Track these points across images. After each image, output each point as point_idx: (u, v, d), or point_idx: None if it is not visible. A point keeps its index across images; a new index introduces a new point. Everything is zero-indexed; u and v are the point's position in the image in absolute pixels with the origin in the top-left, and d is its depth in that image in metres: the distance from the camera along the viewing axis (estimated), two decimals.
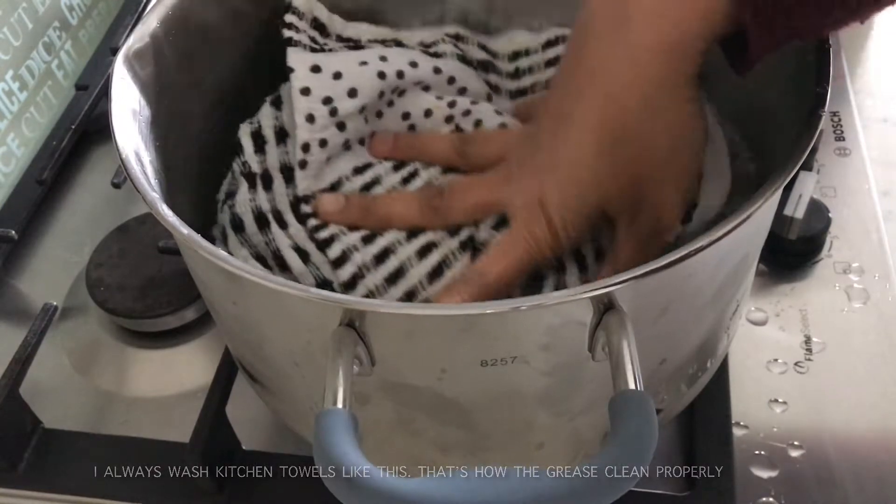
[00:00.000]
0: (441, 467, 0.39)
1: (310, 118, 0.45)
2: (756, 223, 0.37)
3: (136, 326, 0.55)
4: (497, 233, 0.42)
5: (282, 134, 0.47)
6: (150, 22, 0.43)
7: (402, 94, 0.48)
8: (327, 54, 0.48)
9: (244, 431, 0.48)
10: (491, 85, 0.51)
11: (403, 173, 0.46)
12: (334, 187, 0.46)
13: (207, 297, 0.42)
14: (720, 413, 0.47)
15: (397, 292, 0.41)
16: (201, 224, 0.46)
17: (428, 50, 0.51)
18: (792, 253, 0.54)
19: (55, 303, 0.52)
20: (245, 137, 0.46)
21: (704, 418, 0.47)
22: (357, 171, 0.46)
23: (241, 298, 0.36)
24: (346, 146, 0.46)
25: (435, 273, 0.42)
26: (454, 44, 0.51)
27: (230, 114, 0.48)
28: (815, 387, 0.49)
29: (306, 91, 0.45)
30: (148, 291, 0.54)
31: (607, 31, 0.38)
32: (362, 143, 0.47)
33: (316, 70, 0.45)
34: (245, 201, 0.45)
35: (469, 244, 0.42)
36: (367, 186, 0.46)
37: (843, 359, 0.50)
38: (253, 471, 0.47)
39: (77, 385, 0.54)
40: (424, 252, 0.42)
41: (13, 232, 0.59)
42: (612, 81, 0.38)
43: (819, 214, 0.54)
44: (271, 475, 0.47)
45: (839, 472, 0.45)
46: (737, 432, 0.47)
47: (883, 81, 0.67)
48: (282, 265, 0.43)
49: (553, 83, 0.42)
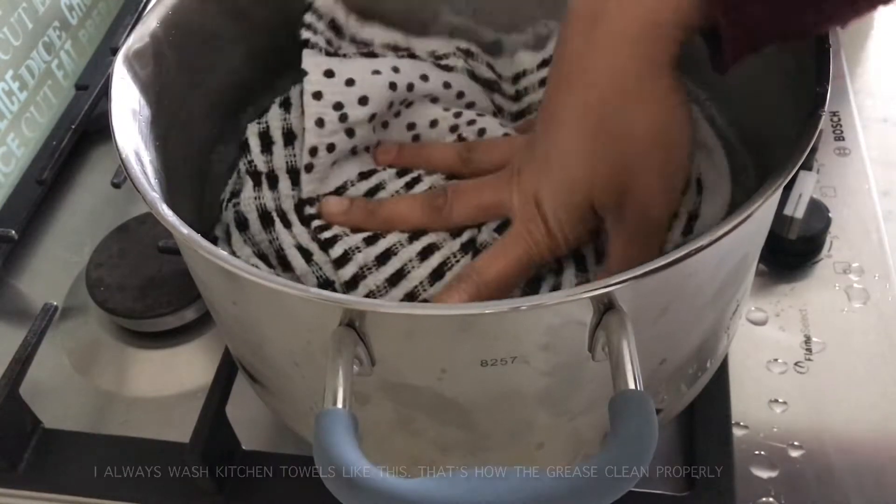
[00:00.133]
0: (441, 467, 0.39)
1: (319, 122, 0.45)
2: (756, 223, 0.37)
3: (136, 326, 0.55)
4: (498, 235, 0.42)
5: (290, 136, 0.47)
6: (150, 22, 0.43)
7: (410, 106, 0.48)
8: (341, 60, 0.48)
9: (244, 431, 0.48)
10: (496, 105, 0.51)
11: (407, 179, 0.46)
12: (339, 191, 0.46)
13: (207, 297, 0.42)
14: (720, 413, 0.47)
15: (398, 293, 0.41)
16: (201, 224, 0.46)
17: (439, 62, 0.51)
18: (792, 253, 0.54)
19: (55, 303, 0.52)
20: (253, 137, 0.47)
21: (704, 418, 0.47)
22: (363, 177, 0.46)
23: (241, 298, 0.36)
24: (354, 152, 0.47)
25: (436, 274, 0.42)
26: (465, 59, 0.51)
27: (230, 114, 0.49)
28: (815, 387, 0.49)
29: (318, 95, 0.45)
30: (148, 291, 0.54)
31: (585, 25, 0.38)
32: (368, 150, 0.48)
33: (329, 75, 0.46)
34: (250, 199, 0.45)
35: (471, 246, 0.42)
36: (372, 191, 0.46)
37: (843, 359, 0.50)
38: (253, 471, 0.47)
39: (77, 385, 0.54)
40: (426, 254, 0.42)
41: (13, 232, 0.59)
42: (591, 71, 0.38)
43: (819, 214, 0.54)
44: (271, 475, 0.47)
45: (839, 472, 0.45)
46: (737, 432, 0.47)
47: (883, 81, 0.67)
48: (284, 264, 0.43)
49: (546, 86, 0.42)
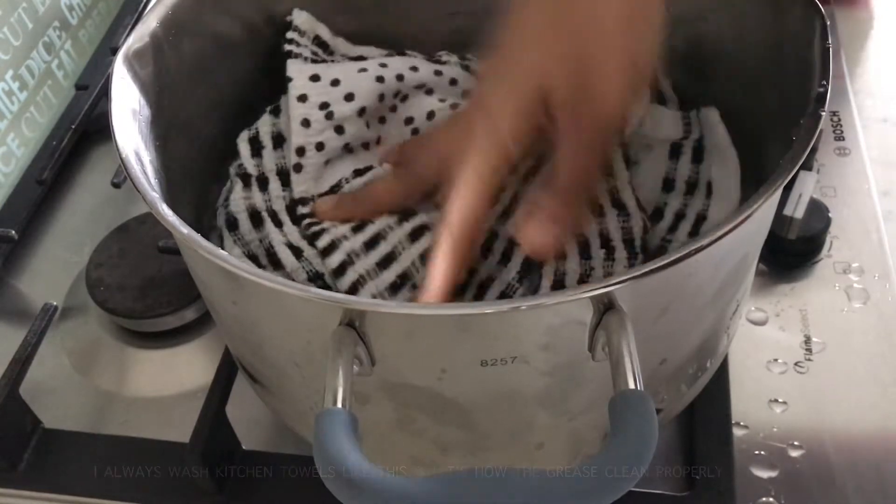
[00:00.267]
0: (441, 467, 0.39)
1: (305, 122, 0.45)
2: (756, 223, 0.37)
3: (136, 326, 0.55)
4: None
5: (279, 139, 0.47)
6: (150, 22, 0.43)
7: (405, 100, 0.48)
8: (328, 65, 0.48)
9: (244, 431, 0.48)
10: None
11: None
12: (334, 189, 0.46)
13: (207, 297, 0.42)
14: (720, 413, 0.47)
15: (390, 276, 0.41)
16: (202, 224, 0.46)
17: (430, 58, 0.51)
18: (792, 253, 0.54)
19: (55, 303, 0.52)
20: (243, 143, 0.47)
21: (704, 418, 0.47)
22: (357, 174, 0.46)
23: (241, 298, 0.36)
24: (348, 149, 0.46)
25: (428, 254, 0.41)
26: (459, 59, 0.51)
27: (230, 113, 0.49)
28: (815, 387, 0.49)
29: (303, 98, 0.45)
30: (148, 291, 0.54)
31: None
32: (366, 148, 0.47)
33: (315, 79, 0.46)
34: (239, 199, 0.45)
35: None
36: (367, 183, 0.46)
37: (843, 359, 0.50)
38: (253, 471, 0.47)
39: (77, 385, 0.54)
40: (416, 235, 0.42)
41: (13, 232, 0.59)
42: None
43: (819, 214, 0.54)
44: (271, 475, 0.47)
45: (839, 472, 0.45)
46: (737, 432, 0.47)
47: (883, 81, 0.67)
48: (275, 262, 0.43)
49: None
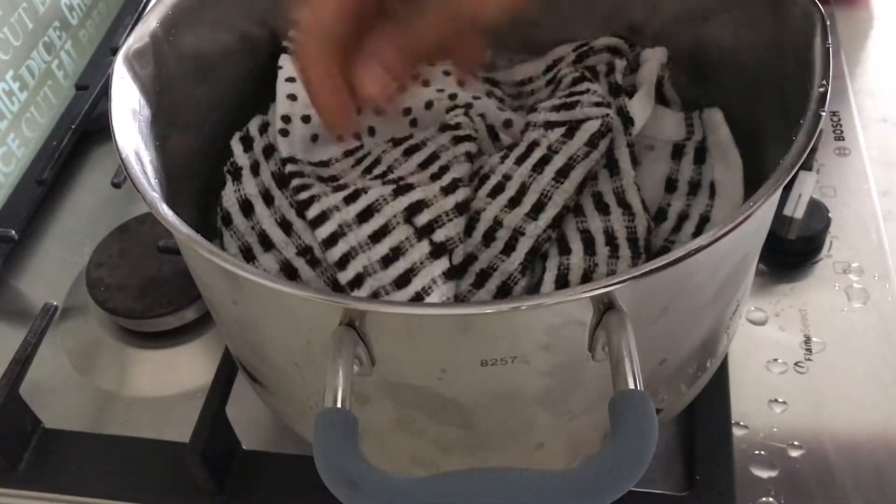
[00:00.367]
0: (441, 467, 0.39)
1: (291, 97, 0.46)
2: (756, 223, 0.37)
3: (136, 326, 0.55)
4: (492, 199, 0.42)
5: (266, 126, 0.47)
6: (150, 22, 0.43)
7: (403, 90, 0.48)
8: None
9: (244, 431, 0.48)
10: (496, 97, 0.51)
11: (404, 146, 0.46)
12: (321, 165, 0.46)
13: (207, 297, 0.42)
14: (720, 413, 0.47)
15: (383, 249, 0.40)
16: (201, 224, 0.46)
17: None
18: (792, 253, 0.54)
19: (55, 303, 0.52)
20: (235, 143, 0.47)
21: (704, 418, 0.47)
22: (348, 154, 0.46)
23: (241, 298, 0.36)
24: (339, 136, 0.47)
25: (425, 230, 0.41)
26: None
27: (230, 113, 0.49)
28: (815, 387, 0.49)
29: (291, 80, 0.46)
30: (148, 291, 0.54)
31: None
32: (357, 138, 0.48)
33: None
34: (231, 193, 0.45)
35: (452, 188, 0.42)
36: (360, 160, 0.46)
37: (843, 359, 0.50)
38: (253, 471, 0.48)
39: (77, 385, 0.54)
40: (413, 210, 0.41)
41: (13, 232, 0.59)
42: None
43: (819, 214, 0.54)
44: (271, 475, 0.47)
45: (839, 472, 0.45)
46: (737, 432, 0.47)
47: (883, 81, 0.67)
48: (267, 244, 0.43)
49: None
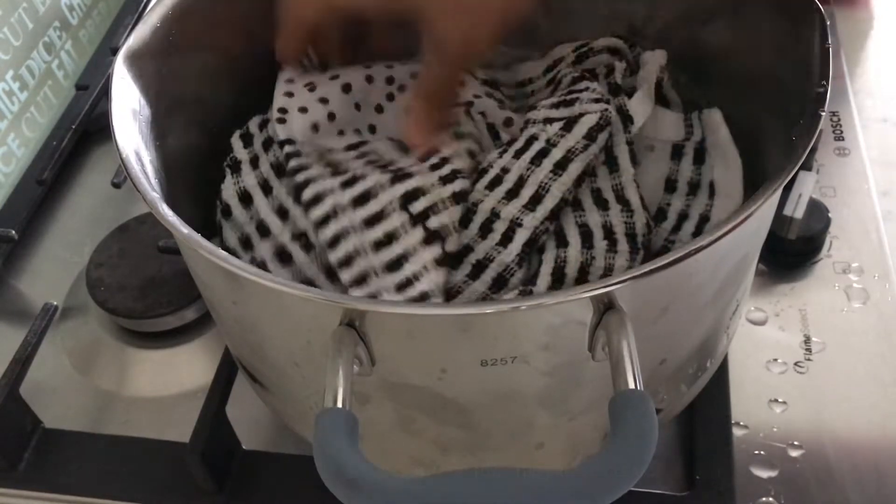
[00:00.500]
0: (441, 467, 0.39)
1: (288, 94, 0.46)
2: (756, 223, 0.37)
3: (136, 326, 0.55)
4: (491, 192, 0.42)
5: (266, 123, 0.47)
6: (150, 22, 0.43)
7: (403, 90, 0.48)
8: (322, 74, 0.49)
9: (244, 431, 0.48)
10: (496, 99, 0.50)
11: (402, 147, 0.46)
12: (322, 154, 0.46)
13: (207, 297, 0.42)
14: (720, 413, 0.47)
15: (376, 233, 0.40)
16: (202, 224, 0.46)
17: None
18: (792, 253, 0.54)
19: (55, 303, 0.52)
20: (235, 140, 0.47)
21: (704, 418, 0.47)
22: (350, 147, 0.46)
23: (241, 298, 0.36)
24: (336, 126, 0.46)
25: (420, 217, 0.41)
26: None
27: (230, 113, 0.48)
28: (815, 387, 0.49)
29: (290, 80, 0.47)
30: (148, 291, 0.54)
31: None
32: (358, 133, 0.47)
33: (304, 69, 0.47)
34: (230, 187, 0.45)
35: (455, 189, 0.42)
36: (363, 154, 0.46)
37: (843, 359, 0.50)
38: (253, 471, 0.48)
39: (77, 385, 0.54)
40: (409, 198, 0.41)
41: (13, 232, 0.59)
42: None
43: (819, 214, 0.54)
44: (271, 475, 0.47)
45: (839, 472, 0.45)
46: (737, 432, 0.47)
47: (883, 81, 0.67)
48: (264, 231, 0.43)
49: None
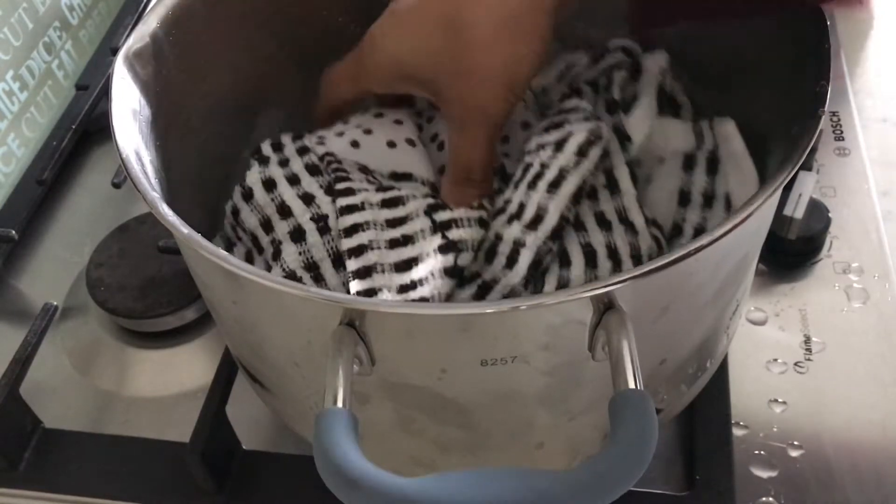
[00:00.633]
0: (441, 467, 0.39)
1: (320, 139, 0.47)
2: (756, 223, 0.37)
3: (136, 326, 0.55)
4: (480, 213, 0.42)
5: (298, 136, 0.47)
6: (150, 22, 0.43)
7: (431, 121, 0.49)
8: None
9: (244, 431, 0.48)
10: None
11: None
12: (364, 170, 0.46)
13: (207, 297, 0.42)
14: (720, 413, 0.47)
15: (395, 233, 0.41)
16: (202, 224, 0.46)
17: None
18: (792, 253, 0.54)
19: (55, 303, 0.52)
20: (265, 145, 0.46)
21: (704, 418, 0.47)
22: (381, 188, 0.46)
23: (241, 298, 0.36)
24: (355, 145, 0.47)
25: (442, 226, 0.41)
26: None
27: (230, 113, 0.49)
28: (815, 387, 0.49)
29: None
30: (148, 291, 0.54)
31: None
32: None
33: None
34: (255, 173, 0.44)
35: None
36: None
37: (843, 359, 0.50)
38: (253, 471, 0.48)
39: (77, 385, 0.54)
40: (442, 227, 0.41)
41: (13, 232, 0.59)
42: None
43: (819, 214, 0.54)
44: (271, 475, 0.47)
45: (839, 472, 0.45)
46: (737, 432, 0.47)
47: (883, 81, 0.67)
48: (285, 213, 0.43)
49: None
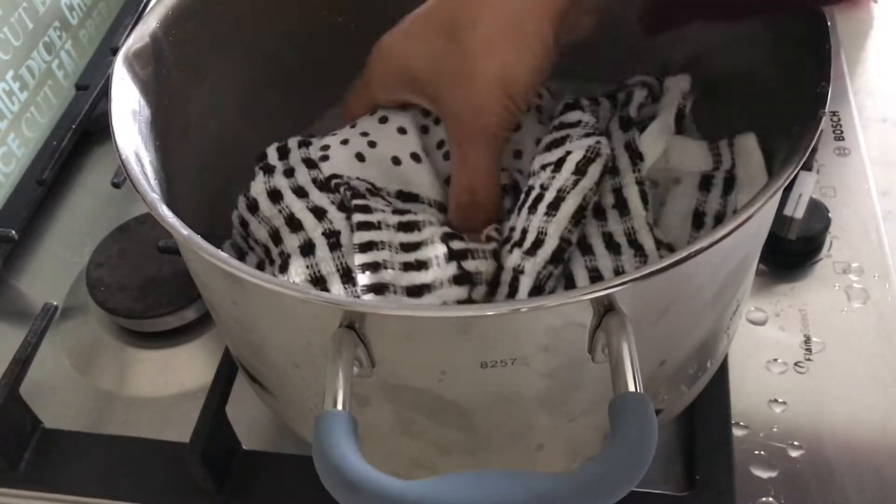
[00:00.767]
0: (441, 469, 0.39)
1: (332, 134, 0.47)
2: (756, 223, 0.37)
3: (136, 326, 0.55)
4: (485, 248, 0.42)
5: (305, 142, 0.47)
6: (150, 22, 0.43)
7: (439, 123, 0.49)
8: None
9: (244, 431, 0.48)
10: None
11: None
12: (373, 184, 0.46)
13: (207, 298, 0.42)
14: (720, 413, 0.47)
15: (409, 257, 0.40)
16: (201, 224, 0.46)
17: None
18: (792, 253, 0.54)
19: (55, 303, 0.52)
20: (271, 150, 0.46)
21: (704, 418, 0.47)
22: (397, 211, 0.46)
23: (241, 299, 0.36)
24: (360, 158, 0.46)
25: (456, 255, 0.40)
26: None
27: (230, 114, 0.49)
28: (815, 387, 0.49)
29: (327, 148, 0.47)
30: (148, 291, 0.54)
31: None
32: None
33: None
34: (259, 184, 0.44)
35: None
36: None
37: (843, 359, 0.50)
38: (253, 471, 0.48)
39: (77, 385, 0.54)
40: (451, 237, 0.41)
41: (13, 232, 0.59)
42: None
43: (819, 214, 0.54)
44: (271, 475, 0.47)
45: (839, 472, 0.45)
46: (737, 432, 0.47)
47: (883, 81, 0.66)
48: (295, 226, 0.42)
49: None
